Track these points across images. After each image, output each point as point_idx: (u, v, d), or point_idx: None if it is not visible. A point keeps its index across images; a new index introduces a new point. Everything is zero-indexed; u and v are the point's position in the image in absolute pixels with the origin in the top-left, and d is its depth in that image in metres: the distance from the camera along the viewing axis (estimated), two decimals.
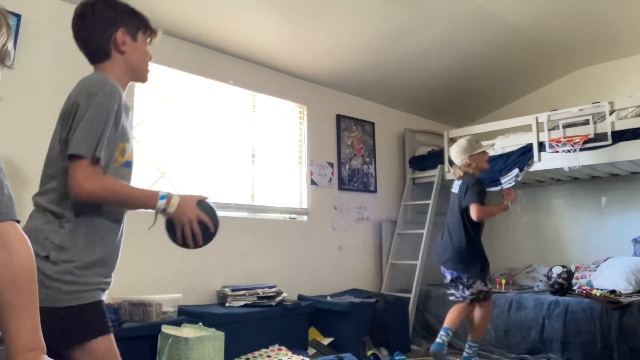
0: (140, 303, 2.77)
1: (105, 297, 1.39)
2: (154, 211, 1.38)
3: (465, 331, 3.44)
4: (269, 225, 3.86)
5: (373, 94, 4.76)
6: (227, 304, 3.26)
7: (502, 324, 3.68)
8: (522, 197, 5.18)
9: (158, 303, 2.83)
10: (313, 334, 3.60)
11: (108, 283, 1.39)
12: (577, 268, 4.28)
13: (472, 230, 3.14)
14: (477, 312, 3.19)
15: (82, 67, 2.89)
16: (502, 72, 4.73)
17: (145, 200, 1.35)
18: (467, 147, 3.22)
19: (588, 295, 3.62)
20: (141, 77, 1.52)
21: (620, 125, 3.59)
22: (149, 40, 1.52)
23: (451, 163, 3.51)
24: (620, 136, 3.58)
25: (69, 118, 1.30)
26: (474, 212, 3.05)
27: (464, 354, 3.23)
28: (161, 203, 1.36)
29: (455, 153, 3.27)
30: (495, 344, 3.66)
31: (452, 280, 3.21)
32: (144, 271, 3.08)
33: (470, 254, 3.13)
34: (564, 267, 3.84)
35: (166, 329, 2.64)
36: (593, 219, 4.69)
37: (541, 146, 3.94)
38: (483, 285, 3.13)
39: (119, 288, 2.31)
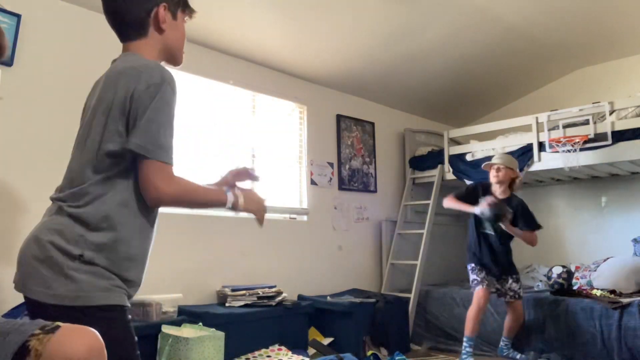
0: (140, 303, 2.76)
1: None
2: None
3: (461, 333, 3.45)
4: (269, 225, 3.86)
5: (373, 94, 4.76)
6: (227, 304, 3.26)
7: (503, 325, 3.67)
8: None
9: (158, 303, 2.83)
10: (313, 334, 3.60)
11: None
12: (577, 268, 4.27)
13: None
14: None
15: (82, 68, 2.91)
16: (502, 72, 4.73)
17: (218, 198, 1.33)
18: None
19: (588, 295, 3.62)
20: (177, 60, 1.41)
21: (620, 125, 3.59)
22: (186, 19, 1.40)
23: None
24: (620, 136, 3.58)
25: (124, 112, 1.20)
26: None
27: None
28: (229, 199, 1.34)
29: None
30: (497, 344, 3.65)
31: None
32: None
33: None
34: (564, 267, 3.84)
35: (166, 329, 2.64)
36: (593, 219, 4.69)
37: (541, 146, 3.94)
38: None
39: None
